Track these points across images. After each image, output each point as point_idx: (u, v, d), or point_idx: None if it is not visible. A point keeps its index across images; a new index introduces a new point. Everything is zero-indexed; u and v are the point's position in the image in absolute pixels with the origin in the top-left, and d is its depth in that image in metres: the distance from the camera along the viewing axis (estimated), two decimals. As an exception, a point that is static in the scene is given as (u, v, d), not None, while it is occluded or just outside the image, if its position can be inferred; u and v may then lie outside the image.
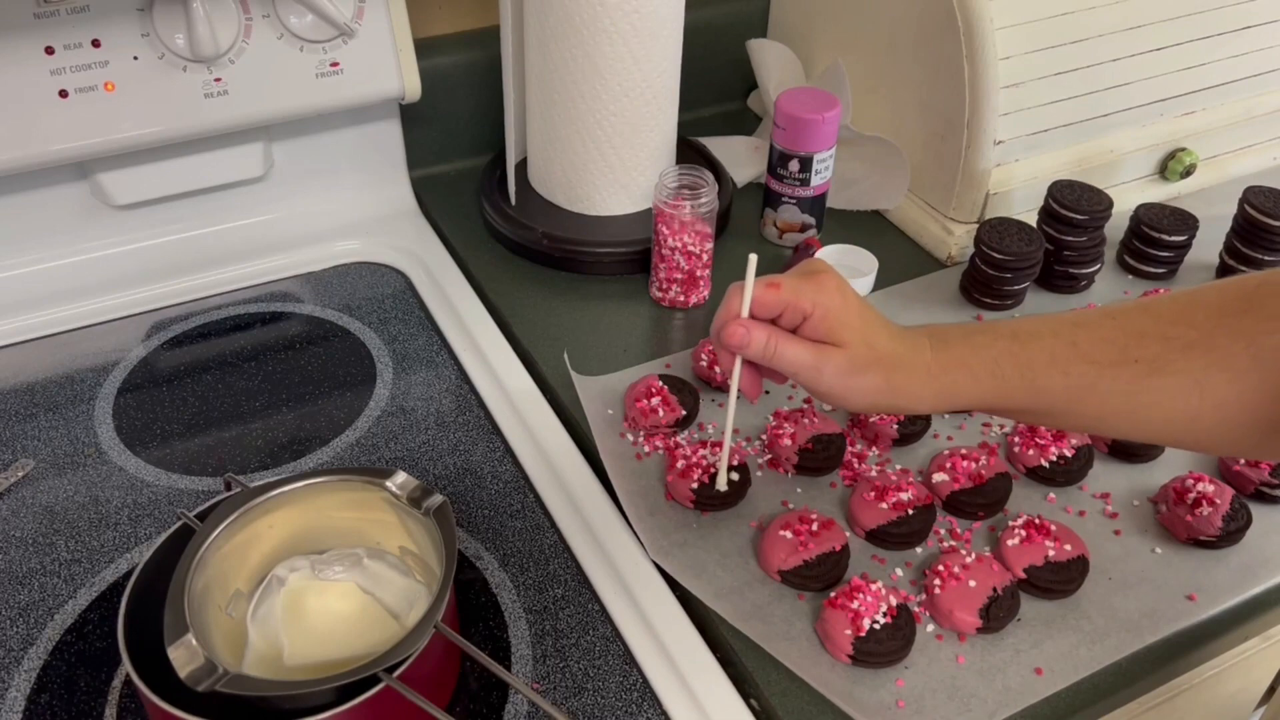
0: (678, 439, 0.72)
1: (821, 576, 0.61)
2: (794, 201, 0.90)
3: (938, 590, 0.60)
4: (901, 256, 0.91)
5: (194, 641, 0.48)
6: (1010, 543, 0.63)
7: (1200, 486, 0.66)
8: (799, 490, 0.69)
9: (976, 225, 0.88)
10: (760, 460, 0.71)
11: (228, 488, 0.58)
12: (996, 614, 0.59)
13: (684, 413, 0.72)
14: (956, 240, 0.90)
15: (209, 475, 0.70)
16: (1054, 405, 0.52)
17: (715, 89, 1.13)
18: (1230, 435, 0.50)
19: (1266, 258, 0.86)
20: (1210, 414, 0.49)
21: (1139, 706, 0.63)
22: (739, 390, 0.57)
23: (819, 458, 0.69)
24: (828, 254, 0.87)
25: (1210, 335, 0.48)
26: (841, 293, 0.53)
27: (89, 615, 0.61)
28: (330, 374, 0.79)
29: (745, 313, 0.53)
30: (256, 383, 0.79)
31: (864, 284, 0.86)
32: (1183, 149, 0.96)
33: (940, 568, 0.61)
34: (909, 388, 0.53)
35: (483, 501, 0.69)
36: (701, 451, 0.68)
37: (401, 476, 0.57)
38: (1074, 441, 0.70)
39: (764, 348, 0.52)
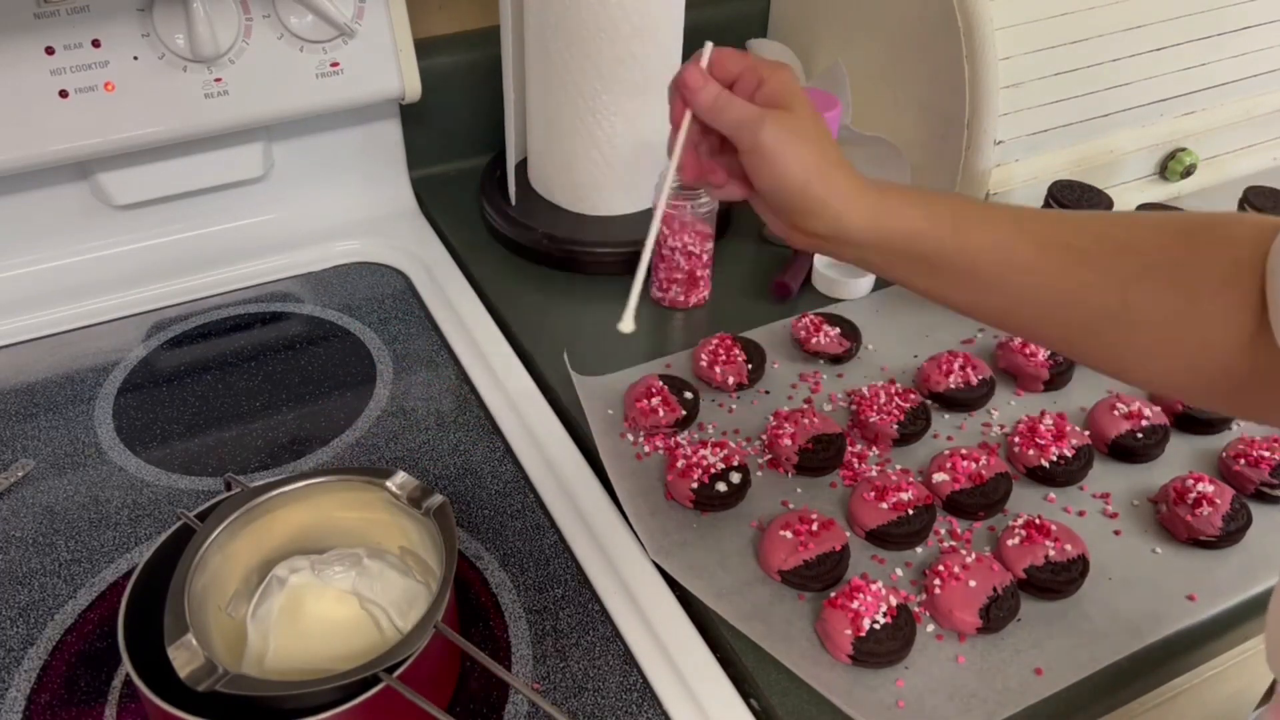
0: (678, 439, 0.72)
1: (821, 576, 0.61)
2: (794, 201, 0.90)
3: (938, 590, 0.60)
4: (901, 256, 0.91)
5: (194, 641, 0.48)
6: (1010, 543, 0.63)
7: (1200, 486, 0.66)
8: (799, 490, 0.69)
9: (976, 225, 0.88)
10: (760, 460, 0.71)
11: (228, 488, 0.58)
12: (996, 614, 0.59)
13: (684, 413, 0.72)
14: (956, 240, 0.90)
15: (209, 475, 0.70)
16: (977, 264, 0.51)
17: (715, 89, 1.12)
18: (1147, 351, 0.49)
19: (1266, 258, 0.86)
20: (1123, 315, 0.48)
21: (1139, 706, 0.63)
22: (679, 164, 0.56)
23: (819, 458, 0.69)
24: None
25: (1143, 241, 0.49)
26: (797, 85, 0.54)
27: (89, 615, 0.61)
28: (330, 374, 0.79)
29: (705, 63, 0.54)
30: (256, 383, 0.79)
31: (864, 283, 0.86)
32: (1183, 149, 0.96)
33: (940, 568, 0.61)
34: (843, 185, 0.53)
35: (483, 501, 0.69)
36: (702, 451, 0.68)
37: (401, 476, 0.57)
38: (1074, 442, 0.70)
39: (714, 98, 0.53)
